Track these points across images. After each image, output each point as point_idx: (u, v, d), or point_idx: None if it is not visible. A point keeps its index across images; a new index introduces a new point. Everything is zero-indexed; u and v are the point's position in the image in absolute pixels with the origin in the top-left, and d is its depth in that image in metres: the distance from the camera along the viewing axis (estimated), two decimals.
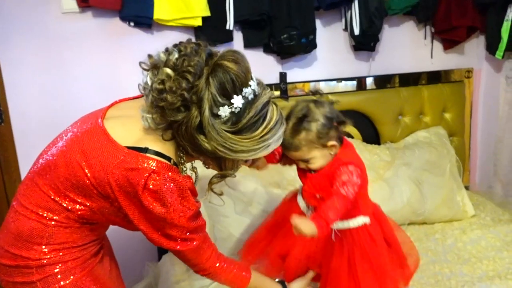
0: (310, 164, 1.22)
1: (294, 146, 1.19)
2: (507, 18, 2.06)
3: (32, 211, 1.05)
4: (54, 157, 1.05)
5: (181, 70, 0.97)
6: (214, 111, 0.97)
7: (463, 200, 2.06)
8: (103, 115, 1.09)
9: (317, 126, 1.18)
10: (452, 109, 2.31)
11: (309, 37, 2.01)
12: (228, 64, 0.97)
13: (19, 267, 1.06)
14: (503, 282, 1.51)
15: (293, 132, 1.19)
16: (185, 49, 1.00)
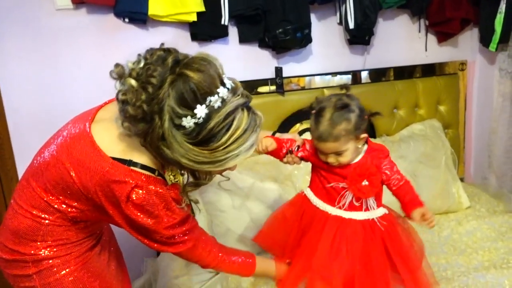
0: (342, 157, 1.21)
1: (333, 136, 1.17)
2: (500, 11, 2.08)
3: (27, 210, 1.08)
4: (46, 161, 1.07)
5: (143, 80, 0.94)
6: (176, 122, 0.93)
7: (458, 191, 2.09)
8: (92, 118, 1.08)
9: (355, 117, 1.19)
10: (446, 102, 2.33)
11: (304, 32, 2.02)
12: (189, 74, 0.93)
13: (16, 261, 1.10)
14: (498, 272, 1.53)
15: (333, 122, 1.18)
16: (151, 57, 0.97)
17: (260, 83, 2.06)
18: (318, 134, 1.18)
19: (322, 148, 1.22)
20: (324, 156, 1.24)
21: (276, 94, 2.09)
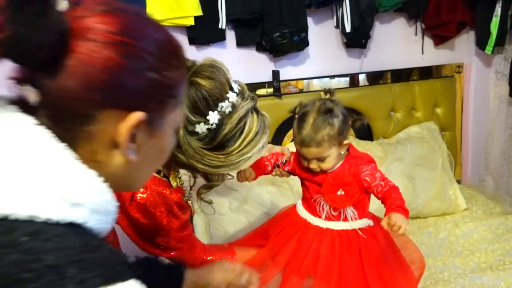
0: (324, 163, 1.19)
1: (316, 141, 1.15)
2: (496, 14, 2.09)
3: None
4: None
5: None
6: (190, 129, 0.95)
7: (455, 193, 2.09)
8: None
9: (339, 122, 1.18)
10: (443, 104, 2.34)
11: (301, 35, 2.03)
12: (201, 82, 0.95)
13: None
14: (494, 273, 1.53)
15: (316, 127, 1.16)
16: None
17: (257, 87, 2.07)
18: (301, 139, 1.16)
19: (304, 153, 1.20)
20: (306, 162, 1.22)
21: (274, 97, 2.10)
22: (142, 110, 0.53)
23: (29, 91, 0.49)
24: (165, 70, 0.55)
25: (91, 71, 0.49)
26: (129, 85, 0.52)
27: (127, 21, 0.53)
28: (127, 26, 0.52)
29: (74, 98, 0.49)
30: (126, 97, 0.52)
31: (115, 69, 0.50)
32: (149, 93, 0.54)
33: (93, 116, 0.50)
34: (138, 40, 0.53)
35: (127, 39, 0.52)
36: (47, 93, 0.49)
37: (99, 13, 0.51)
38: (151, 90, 0.54)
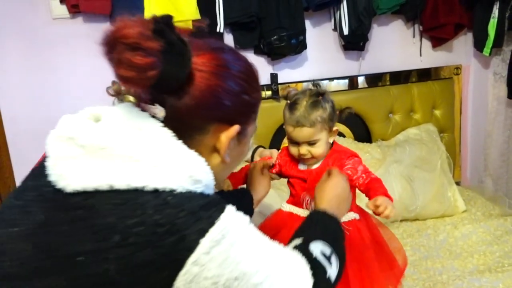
0: (315, 147, 1.20)
1: (310, 121, 1.16)
2: (493, 15, 2.09)
3: None
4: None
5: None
6: None
7: (454, 195, 2.09)
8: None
9: (329, 107, 1.20)
10: (442, 106, 2.34)
11: (299, 38, 2.04)
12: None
13: None
14: (492, 275, 1.53)
15: (311, 108, 1.17)
16: None
17: None
18: (295, 119, 1.16)
19: (296, 136, 1.19)
20: (296, 149, 1.21)
21: (272, 100, 2.11)
22: (237, 124, 0.72)
23: (155, 108, 0.67)
24: (252, 92, 0.74)
25: (205, 95, 0.67)
26: (230, 105, 0.70)
27: (226, 56, 0.71)
28: (227, 61, 0.71)
29: (192, 114, 0.67)
30: (228, 114, 0.71)
31: (221, 93, 0.69)
32: (242, 111, 0.74)
33: (204, 127, 0.69)
34: (235, 71, 0.71)
35: (228, 70, 0.70)
36: (172, 110, 0.67)
37: (207, 51, 0.69)
38: (244, 108, 0.74)
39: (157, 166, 0.61)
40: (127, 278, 0.56)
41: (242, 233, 0.63)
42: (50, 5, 1.87)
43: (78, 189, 0.60)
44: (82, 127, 0.66)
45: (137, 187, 0.60)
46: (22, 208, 0.64)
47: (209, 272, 0.58)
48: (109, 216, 0.58)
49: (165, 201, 0.59)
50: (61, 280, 0.57)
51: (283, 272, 0.67)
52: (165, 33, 0.61)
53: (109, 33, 0.60)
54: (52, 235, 0.59)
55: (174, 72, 0.63)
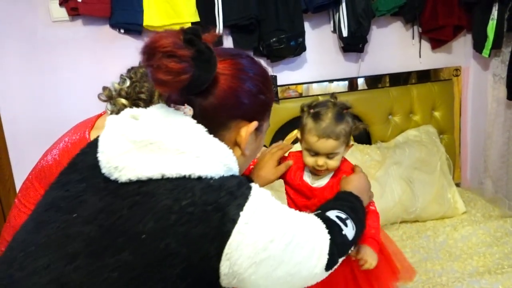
0: (332, 160, 1.18)
1: (336, 134, 1.15)
2: (492, 17, 2.09)
3: (30, 208, 1.15)
4: (48, 164, 1.16)
5: (133, 98, 1.05)
6: None
7: (454, 197, 2.09)
8: (92, 125, 1.17)
9: (351, 121, 1.20)
10: (441, 107, 2.34)
11: (298, 40, 2.04)
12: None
13: None
14: (492, 277, 1.53)
15: (337, 120, 1.16)
16: (135, 75, 1.09)
17: None
18: (322, 130, 1.14)
19: (319, 147, 1.16)
20: (313, 160, 1.18)
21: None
22: (256, 120, 0.83)
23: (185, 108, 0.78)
24: (267, 92, 0.85)
25: (227, 95, 0.78)
26: (249, 103, 0.81)
27: (243, 61, 0.82)
28: (245, 65, 0.82)
29: (217, 112, 0.78)
30: (247, 111, 0.82)
31: (241, 93, 0.80)
32: (259, 109, 0.84)
33: (227, 123, 0.80)
34: (252, 74, 0.82)
35: (246, 73, 0.81)
36: (200, 109, 0.77)
37: (228, 57, 0.80)
38: (260, 106, 0.85)
39: (199, 157, 0.73)
40: (186, 250, 0.67)
41: (269, 204, 0.75)
42: (49, 8, 1.87)
43: (132, 178, 0.71)
44: (130, 125, 0.77)
45: (185, 175, 0.71)
46: (74, 198, 0.74)
47: (250, 239, 0.69)
48: (165, 200, 0.69)
49: (208, 185, 0.71)
50: (129, 255, 0.66)
51: (304, 231, 0.78)
52: (194, 42, 0.71)
53: (148, 44, 0.70)
54: (115, 218, 0.69)
55: (202, 75, 0.73)
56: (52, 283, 0.66)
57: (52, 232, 0.71)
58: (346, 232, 0.87)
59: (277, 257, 0.72)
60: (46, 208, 0.76)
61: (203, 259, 0.67)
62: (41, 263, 0.69)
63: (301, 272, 0.77)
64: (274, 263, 0.72)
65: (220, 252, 0.68)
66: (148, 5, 1.87)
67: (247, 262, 0.69)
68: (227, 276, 0.69)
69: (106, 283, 0.65)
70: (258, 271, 0.71)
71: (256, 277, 0.71)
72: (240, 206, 0.70)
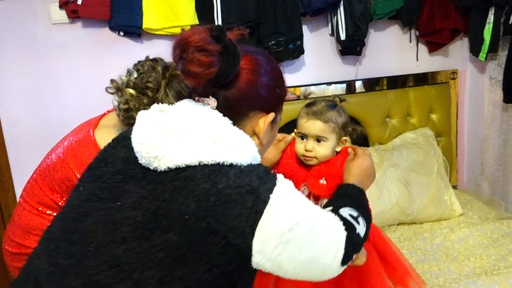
0: (320, 146, 1.22)
1: (324, 117, 1.21)
2: (488, 21, 2.12)
3: (34, 206, 1.19)
4: (53, 162, 1.19)
5: (141, 87, 1.10)
6: None
7: (450, 199, 2.10)
8: (96, 124, 1.21)
9: (344, 117, 1.25)
10: (438, 110, 2.36)
11: (296, 43, 2.05)
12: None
13: (21, 254, 1.20)
14: (488, 278, 1.54)
15: (328, 107, 1.23)
16: (142, 67, 1.13)
17: None
18: (311, 112, 1.21)
19: (307, 127, 1.22)
20: (302, 145, 1.23)
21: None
22: (272, 112, 0.91)
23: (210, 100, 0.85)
24: (281, 86, 0.94)
25: (248, 88, 0.86)
26: (266, 96, 0.89)
27: (261, 58, 0.90)
28: (262, 61, 0.89)
29: (238, 103, 0.86)
30: (264, 103, 0.90)
31: (260, 86, 0.88)
32: (275, 101, 0.93)
33: (247, 114, 0.88)
34: (269, 69, 0.90)
35: (264, 69, 0.89)
36: (223, 101, 0.85)
37: (247, 54, 0.87)
38: (276, 99, 0.93)
39: (230, 146, 0.80)
40: (224, 228, 0.74)
41: (293, 191, 0.83)
42: (49, 11, 1.88)
43: (171, 166, 0.78)
44: (165, 118, 0.84)
45: (219, 162, 0.78)
46: (115, 188, 0.81)
47: (278, 219, 0.76)
48: (203, 183, 0.76)
49: (240, 170, 0.78)
50: (174, 235, 0.73)
51: (324, 222, 0.85)
52: (221, 38, 0.79)
53: (180, 39, 0.78)
54: (159, 203, 0.76)
55: (228, 69, 0.81)
56: (104, 265, 0.73)
57: (97, 220, 0.78)
58: (359, 231, 0.92)
59: (301, 240, 0.78)
60: (84, 199, 0.82)
61: (239, 236, 0.74)
62: (90, 249, 0.75)
63: (320, 259, 0.82)
64: (297, 245, 0.78)
65: (254, 229, 0.75)
66: (147, 8, 1.88)
67: (275, 242, 0.76)
68: (258, 253, 0.76)
69: (155, 262, 0.72)
70: (284, 252, 0.77)
71: (282, 258, 0.77)
72: (270, 190, 0.77)
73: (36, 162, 1.56)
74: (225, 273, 0.76)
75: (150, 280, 0.72)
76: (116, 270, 0.73)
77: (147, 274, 0.72)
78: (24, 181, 1.94)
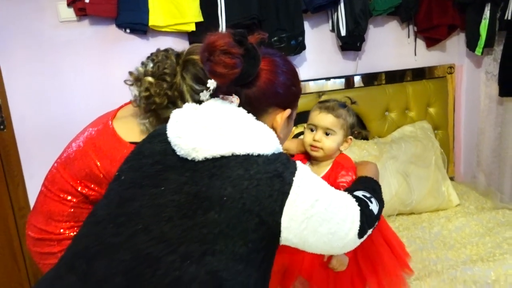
0: (328, 139, 1.29)
1: (336, 112, 1.30)
2: (484, 17, 2.17)
3: (55, 193, 1.26)
4: (73, 151, 1.27)
5: (158, 74, 1.17)
6: (196, 98, 1.16)
7: (448, 190, 2.17)
8: (114, 115, 1.30)
9: (353, 119, 1.33)
10: (436, 104, 2.42)
11: (298, 39, 2.10)
12: (195, 57, 1.19)
13: (43, 240, 1.29)
14: (484, 264, 1.61)
15: (340, 105, 1.32)
16: (156, 57, 1.21)
17: None
18: (324, 106, 1.30)
19: (319, 120, 1.30)
20: (311, 135, 1.31)
21: None
22: (289, 108, 1.01)
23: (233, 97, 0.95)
24: (297, 85, 1.04)
25: (267, 87, 0.96)
26: (283, 94, 0.99)
27: (278, 59, 0.99)
28: (280, 62, 0.99)
29: (259, 100, 0.96)
30: (282, 100, 0.99)
31: (278, 85, 0.97)
32: (291, 99, 1.02)
33: (266, 110, 0.98)
34: (286, 69, 0.99)
35: (282, 69, 0.98)
36: (244, 98, 0.95)
37: (266, 56, 0.96)
38: (292, 97, 1.03)
39: (257, 139, 0.91)
40: (257, 208, 0.84)
41: (311, 174, 0.94)
42: (57, 9, 1.92)
43: (208, 157, 0.88)
44: (200, 114, 0.94)
45: (248, 153, 0.89)
46: (156, 176, 0.91)
47: (302, 198, 0.88)
48: (238, 170, 0.87)
49: (267, 159, 0.90)
50: (214, 214, 0.83)
51: (339, 199, 0.96)
52: (243, 42, 0.88)
53: (208, 44, 0.88)
54: (199, 187, 0.86)
55: (250, 69, 0.91)
56: (153, 240, 0.83)
57: (142, 204, 0.88)
58: (372, 208, 1.03)
59: (321, 214, 0.90)
60: (128, 187, 0.93)
61: (270, 214, 0.85)
62: (139, 228, 0.85)
63: (339, 232, 0.93)
64: (319, 219, 0.90)
65: (282, 208, 0.86)
66: (153, 5, 1.93)
67: (300, 218, 0.87)
68: (286, 229, 0.87)
69: (198, 237, 0.83)
70: (308, 226, 0.89)
71: (307, 233, 0.89)
72: (293, 173, 0.89)
73: (44, 157, 1.62)
74: (257, 248, 0.85)
75: (194, 253, 0.82)
76: (164, 244, 0.82)
77: (191, 248, 0.82)
78: (33, 175, 2.01)
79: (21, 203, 2.05)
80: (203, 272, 0.81)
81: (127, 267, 0.82)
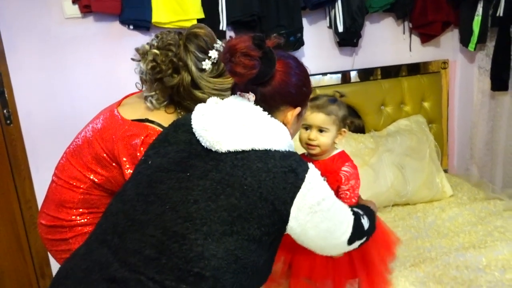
0: (323, 135, 1.33)
1: (327, 109, 1.34)
2: (477, 13, 2.23)
3: (66, 181, 1.33)
4: (82, 140, 1.35)
5: (163, 46, 1.27)
6: (199, 67, 1.26)
7: (442, 182, 2.24)
8: (119, 103, 1.39)
9: (344, 111, 1.38)
10: (430, 98, 2.48)
11: (297, 35, 2.16)
12: (197, 31, 1.29)
13: (55, 227, 1.36)
14: (476, 251, 1.68)
15: (330, 101, 1.36)
16: (161, 34, 1.31)
17: None
18: (315, 105, 1.34)
19: (311, 119, 1.34)
20: (306, 134, 1.34)
21: None
22: (299, 106, 1.08)
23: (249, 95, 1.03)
24: (308, 85, 1.11)
25: (281, 87, 1.04)
26: (295, 93, 1.06)
27: (291, 61, 1.07)
28: (292, 64, 1.07)
29: (273, 99, 1.04)
30: (293, 99, 1.07)
31: (291, 85, 1.05)
32: (302, 98, 1.10)
33: (279, 108, 1.06)
34: (298, 71, 1.07)
35: (294, 70, 1.06)
36: (260, 95, 1.03)
37: (280, 58, 1.03)
38: (303, 96, 1.11)
39: (274, 136, 1.01)
40: (272, 197, 0.94)
41: (320, 176, 1.03)
42: (62, 6, 1.96)
43: (230, 149, 0.97)
44: (224, 110, 1.03)
45: (267, 148, 0.98)
46: (182, 162, 1.00)
47: (311, 194, 0.98)
48: (257, 163, 0.96)
49: (283, 154, 0.99)
50: (235, 199, 0.93)
51: (339, 204, 1.07)
52: (261, 46, 0.97)
53: (229, 46, 0.97)
54: (222, 175, 0.96)
55: (266, 70, 0.99)
56: (180, 219, 0.93)
57: (170, 186, 0.98)
58: (363, 222, 1.14)
59: (324, 212, 1.00)
60: (155, 171, 1.02)
61: (282, 204, 0.95)
62: (167, 207, 0.95)
63: (336, 232, 1.05)
64: (321, 216, 1.00)
65: (293, 200, 0.96)
66: (156, 2, 1.98)
67: (306, 211, 0.98)
68: (293, 219, 0.97)
69: (220, 219, 0.93)
70: (312, 220, 0.99)
71: (309, 225, 0.99)
72: (305, 171, 0.99)
73: (51, 151, 1.66)
74: (269, 232, 0.96)
75: (215, 232, 0.92)
76: (190, 223, 0.92)
77: (213, 228, 0.92)
78: (39, 169, 2.06)
79: (27, 196, 2.10)
80: (222, 250, 0.91)
81: (156, 241, 0.92)
